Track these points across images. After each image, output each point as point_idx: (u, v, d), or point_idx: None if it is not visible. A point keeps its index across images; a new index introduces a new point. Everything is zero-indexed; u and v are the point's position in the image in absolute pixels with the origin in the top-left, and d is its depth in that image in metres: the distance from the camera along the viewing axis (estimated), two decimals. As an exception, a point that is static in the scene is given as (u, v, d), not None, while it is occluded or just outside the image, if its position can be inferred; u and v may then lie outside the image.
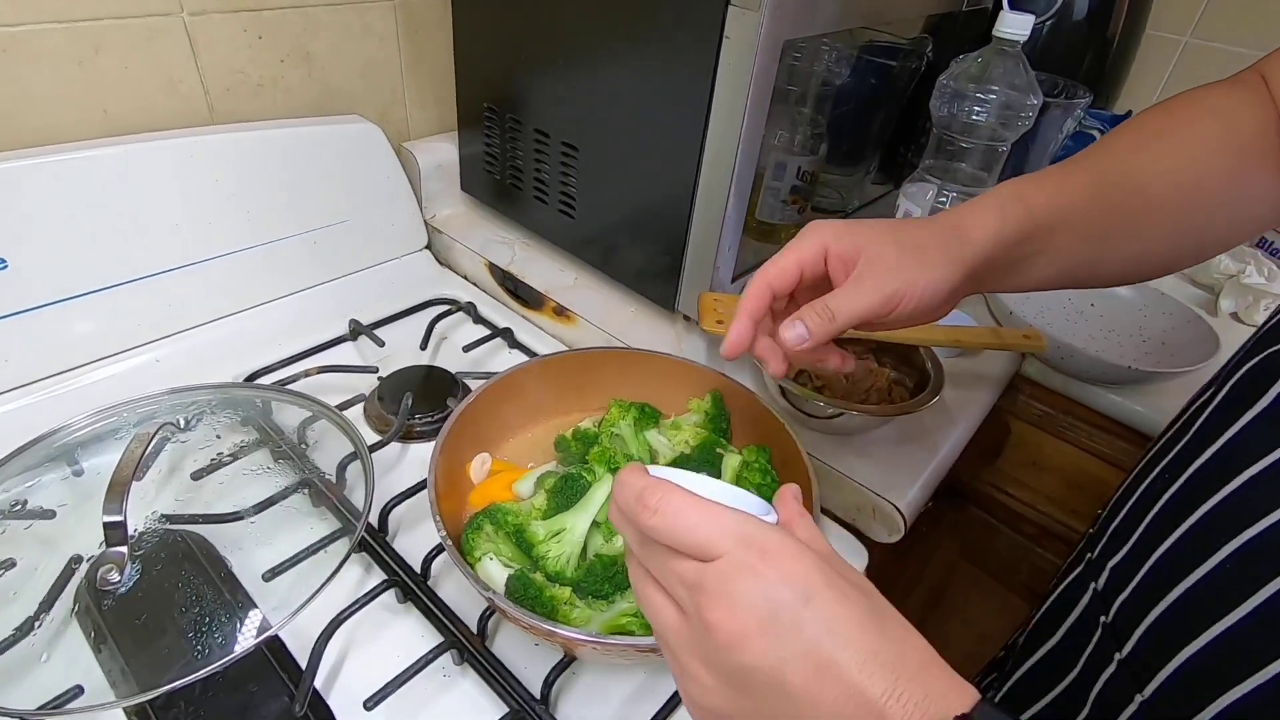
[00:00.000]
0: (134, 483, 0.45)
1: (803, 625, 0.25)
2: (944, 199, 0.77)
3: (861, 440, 0.63)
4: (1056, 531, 0.91)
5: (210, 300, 0.69)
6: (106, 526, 0.44)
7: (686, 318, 0.73)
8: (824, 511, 0.62)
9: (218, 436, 0.57)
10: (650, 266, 0.72)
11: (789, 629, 0.25)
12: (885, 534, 0.60)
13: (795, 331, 0.39)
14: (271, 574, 0.48)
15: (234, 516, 0.50)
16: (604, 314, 0.76)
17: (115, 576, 0.45)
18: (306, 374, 0.65)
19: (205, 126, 0.69)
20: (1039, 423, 0.85)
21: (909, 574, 1.01)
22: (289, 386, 0.64)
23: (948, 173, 0.78)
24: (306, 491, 0.54)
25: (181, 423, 0.54)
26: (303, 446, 0.57)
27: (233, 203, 0.68)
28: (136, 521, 0.48)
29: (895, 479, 0.60)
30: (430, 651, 0.46)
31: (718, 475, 0.55)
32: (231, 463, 0.54)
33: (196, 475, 0.53)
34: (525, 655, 0.48)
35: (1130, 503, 0.43)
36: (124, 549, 0.45)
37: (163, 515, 0.49)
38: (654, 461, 0.58)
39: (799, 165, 0.81)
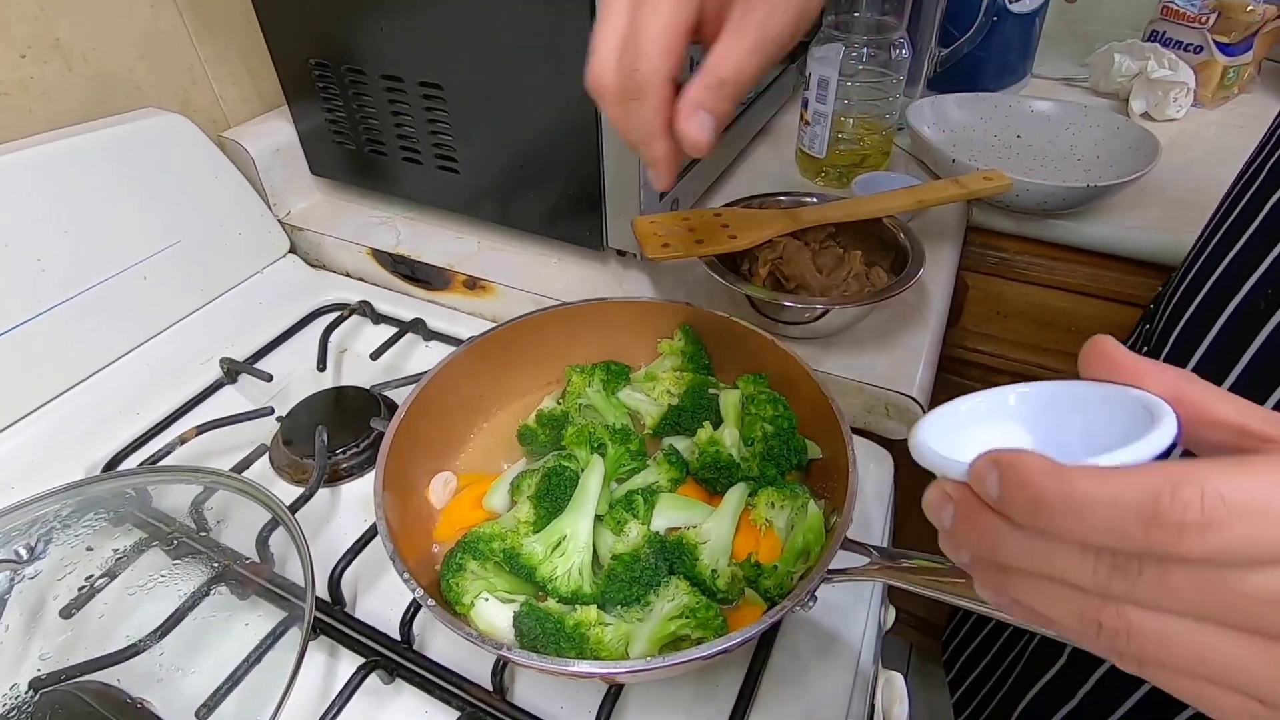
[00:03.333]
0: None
1: None
2: (855, 55, 0.70)
3: (850, 337, 0.56)
4: (1034, 376, 0.89)
5: (23, 384, 0.53)
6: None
7: (620, 253, 0.63)
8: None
9: (88, 550, 0.44)
10: (564, 206, 0.61)
11: None
12: (904, 429, 0.54)
13: (699, 122, 0.32)
14: (209, 707, 0.36)
15: (132, 651, 0.38)
16: (524, 274, 0.65)
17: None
18: (183, 439, 0.52)
19: (-59, 163, 0.51)
20: (996, 270, 0.82)
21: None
22: (164, 462, 0.50)
23: (852, 26, 0.70)
24: (225, 585, 0.42)
25: (24, 552, 0.41)
26: (204, 532, 0.45)
27: (13, 254, 0.52)
28: (-9, 706, 0.35)
29: (899, 367, 0.54)
30: (444, 733, 0.37)
31: (716, 419, 0.47)
32: (111, 581, 0.41)
33: (67, 612, 0.40)
34: (560, 697, 0.39)
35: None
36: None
37: (32, 681, 0.36)
38: (639, 425, 0.49)
39: (690, 56, 0.71)
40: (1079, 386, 0.23)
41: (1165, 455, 0.19)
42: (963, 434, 0.23)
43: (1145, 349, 0.50)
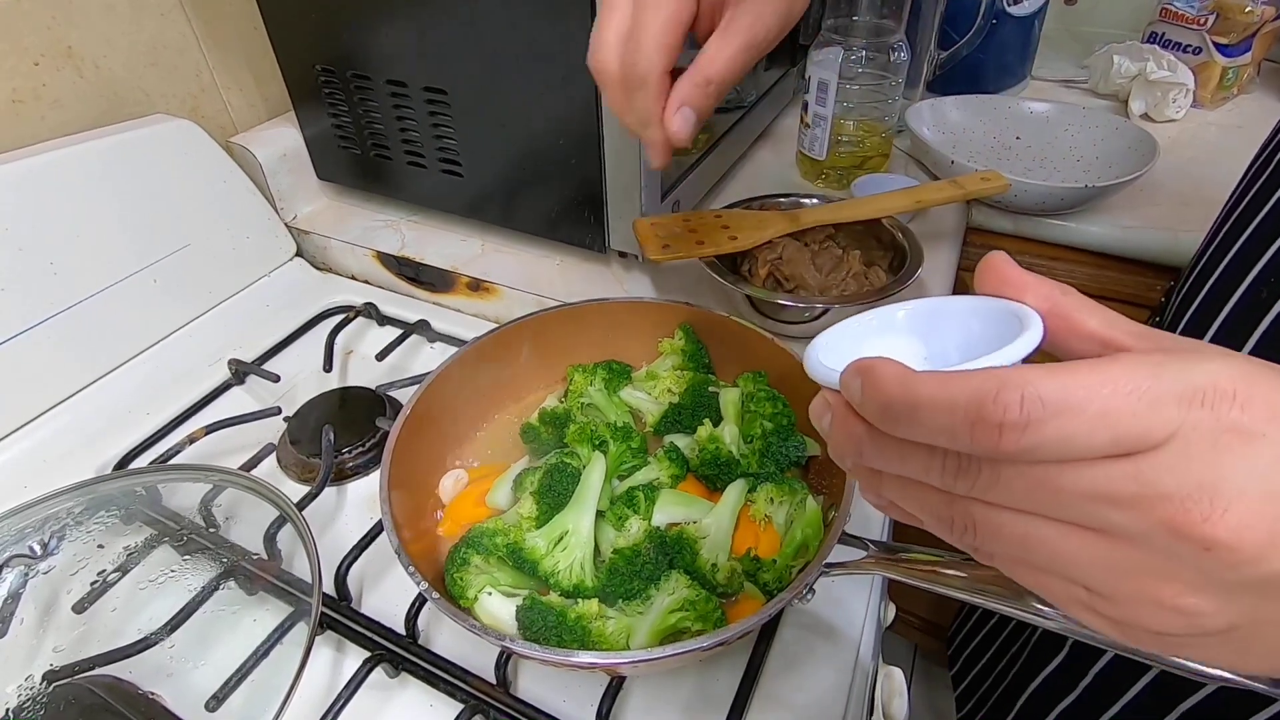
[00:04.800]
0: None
1: None
2: (854, 58, 0.71)
3: (849, 336, 0.57)
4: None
5: (36, 386, 0.54)
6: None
7: (622, 254, 0.63)
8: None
9: (99, 547, 0.44)
10: (566, 209, 0.62)
11: None
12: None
13: (683, 117, 0.35)
14: (218, 699, 0.37)
15: (143, 645, 0.39)
16: (527, 276, 0.66)
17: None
18: (192, 439, 0.52)
19: (-44, 169, 0.53)
20: (996, 272, 0.82)
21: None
22: (174, 461, 0.51)
23: (852, 30, 0.71)
24: (234, 581, 0.43)
25: (37, 548, 0.41)
26: (213, 529, 0.45)
27: (26, 258, 0.53)
28: (7, 699, 0.36)
29: (898, 366, 0.54)
30: (449, 725, 0.37)
31: (716, 417, 0.47)
32: (123, 577, 0.42)
33: (80, 607, 0.41)
34: (562, 690, 0.40)
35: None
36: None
37: (46, 674, 0.37)
38: (640, 423, 0.50)
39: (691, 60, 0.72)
40: (963, 301, 0.24)
41: (1033, 356, 0.20)
42: (855, 350, 0.25)
43: None
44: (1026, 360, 0.20)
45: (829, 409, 0.23)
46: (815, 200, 0.62)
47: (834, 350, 0.25)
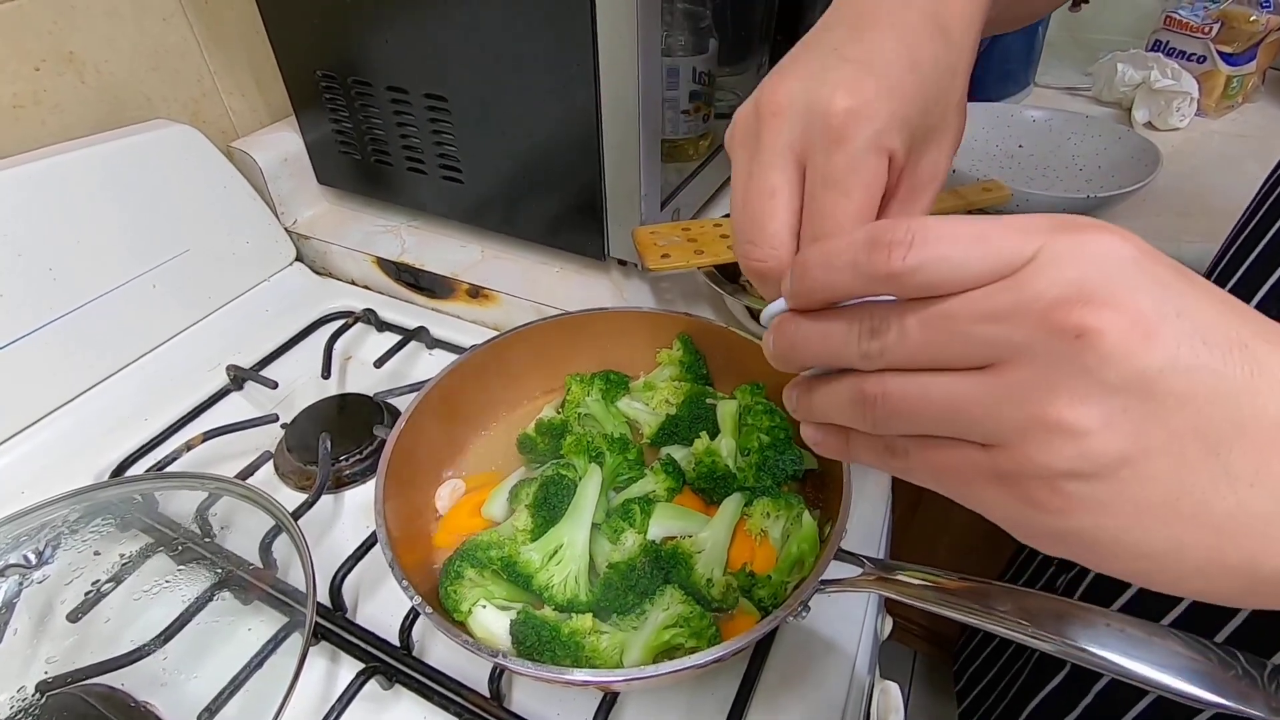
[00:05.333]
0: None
1: (1196, 290, 0.18)
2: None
3: (848, 346, 0.57)
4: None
5: (33, 391, 0.54)
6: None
7: (622, 263, 0.63)
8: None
9: (95, 554, 0.44)
10: (566, 216, 0.62)
11: (1185, 298, 0.18)
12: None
13: None
14: (211, 710, 0.37)
15: (137, 655, 0.38)
16: (526, 283, 0.65)
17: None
18: (189, 446, 0.52)
19: (-43, 174, 0.53)
20: (997, 280, 0.82)
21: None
22: (170, 468, 0.51)
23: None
24: (229, 591, 0.43)
25: (32, 557, 0.41)
26: (209, 538, 0.45)
27: (26, 262, 0.53)
28: (0, 709, 0.36)
29: (897, 378, 0.54)
30: (442, 739, 0.37)
31: (714, 429, 0.47)
32: (117, 586, 0.42)
33: (74, 616, 0.41)
34: (556, 704, 0.40)
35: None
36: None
37: (39, 684, 0.37)
38: (637, 434, 0.50)
39: (693, 67, 0.72)
40: None
41: None
42: None
43: None
44: None
45: (772, 333, 0.24)
46: (816, 209, 0.62)
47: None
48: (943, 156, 0.29)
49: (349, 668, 0.41)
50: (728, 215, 0.61)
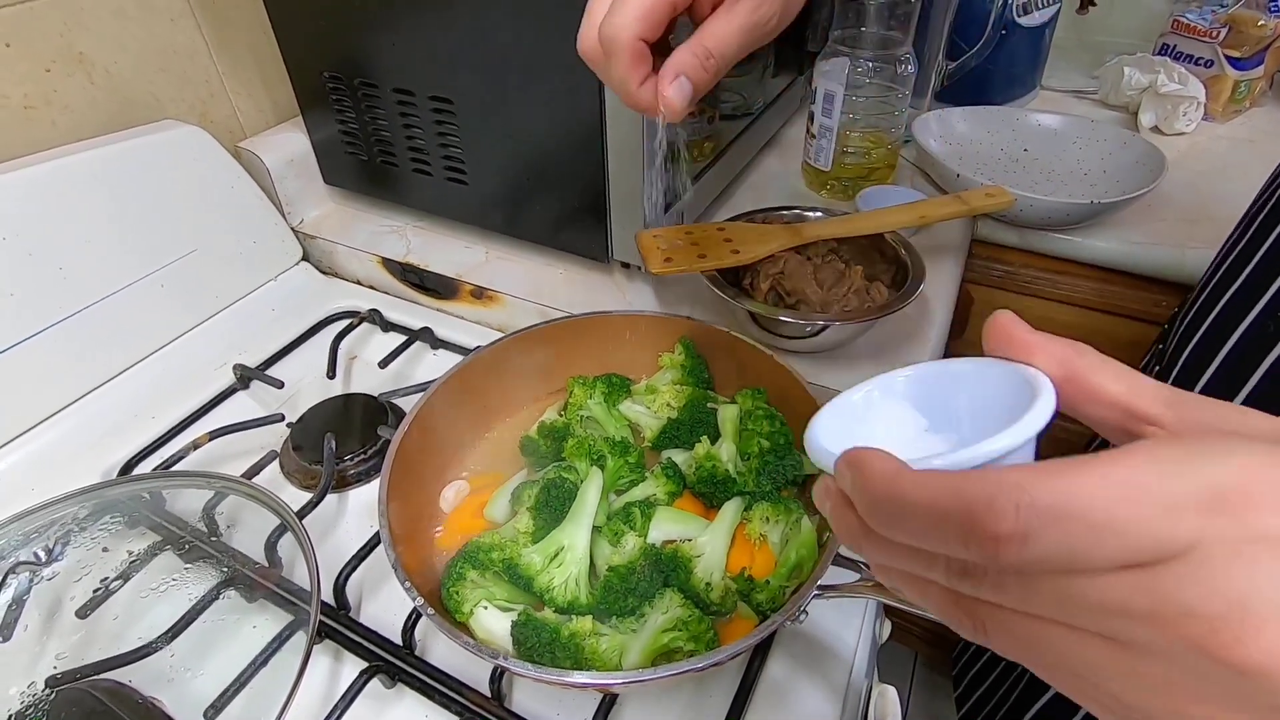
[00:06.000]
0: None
1: None
2: (861, 69, 0.70)
3: (849, 351, 0.57)
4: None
5: (42, 390, 0.55)
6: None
7: (625, 265, 0.64)
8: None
9: (104, 551, 0.45)
10: (570, 218, 0.62)
11: None
12: (902, 445, 0.54)
13: (679, 86, 0.33)
14: (216, 707, 0.38)
15: (144, 651, 0.39)
16: (530, 285, 0.66)
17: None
18: (196, 445, 0.53)
19: (-32, 174, 0.53)
20: (1000, 283, 0.82)
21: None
22: (177, 467, 0.52)
23: (859, 41, 0.71)
24: (234, 589, 0.44)
25: (42, 554, 0.42)
26: (215, 536, 0.46)
27: (35, 262, 0.53)
28: (10, 703, 0.36)
29: (898, 383, 0.54)
30: (443, 738, 0.38)
31: (715, 433, 0.47)
32: (125, 583, 0.43)
33: (83, 612, 0.41)
34: (555, 704, 0.40)
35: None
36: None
37: (49, 679, 0.38)
38: (638, 437, 0.50)
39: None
40: (966, 363, 0.23)
41: (1048, 429, 0.19)
42: (856, 425, 0.24)
43: (1157, 368, 0.51)
44: (1041, 434, 0.19)
45: (829, 494, 0.22)
46: (819, 213, 0.62)
47: (833, 430, 0.24)
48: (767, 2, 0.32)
49: (352, 666, 0.42)
50: (732, 218, 0.62)
